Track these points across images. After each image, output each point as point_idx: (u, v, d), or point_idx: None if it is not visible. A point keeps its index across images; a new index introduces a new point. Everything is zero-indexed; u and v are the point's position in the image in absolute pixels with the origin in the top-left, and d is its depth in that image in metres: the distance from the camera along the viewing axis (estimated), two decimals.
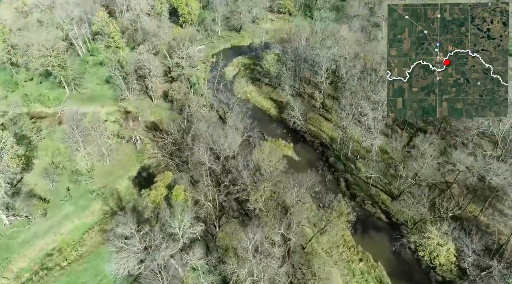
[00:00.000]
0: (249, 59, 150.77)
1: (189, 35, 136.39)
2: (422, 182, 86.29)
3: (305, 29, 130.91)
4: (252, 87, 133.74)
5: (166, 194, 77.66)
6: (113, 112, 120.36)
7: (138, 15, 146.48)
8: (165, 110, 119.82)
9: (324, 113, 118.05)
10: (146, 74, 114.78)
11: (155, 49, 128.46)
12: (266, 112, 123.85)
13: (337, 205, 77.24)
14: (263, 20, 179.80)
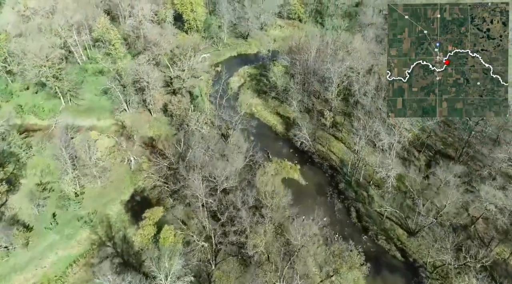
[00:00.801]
0: (255, 69, 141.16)
1: (193, 44, 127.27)
2: (445, 221, 76.03)
3: (315, 39, 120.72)
4: (258, 100, 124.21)
5: (155, 233, 68.72)
6: (109, 126, 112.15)
7: (141, 21, 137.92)
8: (164, 124, 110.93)
9: (334, 132, 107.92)
10: (145, 87, 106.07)
11: (156, 60, 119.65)
12: (271, 129, 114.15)
13: (348, 255, 66.91)
14: (271, 27, 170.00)
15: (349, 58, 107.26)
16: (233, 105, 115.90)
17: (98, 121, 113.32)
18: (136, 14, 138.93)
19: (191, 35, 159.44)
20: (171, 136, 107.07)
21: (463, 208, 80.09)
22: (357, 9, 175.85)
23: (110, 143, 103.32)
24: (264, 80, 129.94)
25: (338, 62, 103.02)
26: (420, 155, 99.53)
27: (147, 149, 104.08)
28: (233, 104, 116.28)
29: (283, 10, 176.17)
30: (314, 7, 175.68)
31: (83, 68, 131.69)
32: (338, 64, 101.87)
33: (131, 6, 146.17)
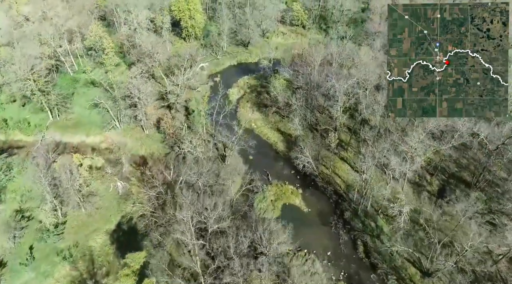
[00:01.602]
0: (256, 79, 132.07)
1: (190, 54, 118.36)
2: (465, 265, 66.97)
3: (319, 50, 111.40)
4: (258, 114, 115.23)
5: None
6: (99, 143, 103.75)
7: (136, 29, 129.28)
8: (157, 142, 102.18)
9: (339, 150, 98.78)
10: (136, 103, 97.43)
11: (149, 72, 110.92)
12: (272, 147, 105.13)
13: None
14: (273, 34, 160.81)
15: (355, 72, 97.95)
16: (232, 120, 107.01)
17: (87, 137, 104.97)
18: (131, 22, 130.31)
19: (189, 42, 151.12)
20: (164, 155, 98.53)
21: (487, 254, 70.94)
22: (363, 15, 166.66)
23: (97, 162, 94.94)
24: (265, 93, 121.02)
25: (344, 78, 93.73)
26: (432, 178, 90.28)
27: (137, 169, 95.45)
28: (232, 118, 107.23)
29: (286, 16, 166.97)
30: (318, 13, 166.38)
31: (74, 78, 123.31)
32: (344, 80, 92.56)
33: (126, 12, 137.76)
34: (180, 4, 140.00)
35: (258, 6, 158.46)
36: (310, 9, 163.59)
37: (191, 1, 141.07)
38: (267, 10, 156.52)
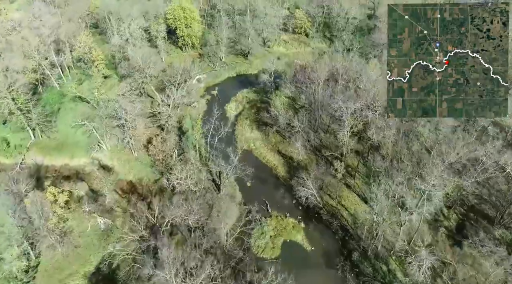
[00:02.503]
0: (255, 93, 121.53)
1: (185, 67, 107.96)
2: None
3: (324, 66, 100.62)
4: (257, 134, 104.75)
5: None
6: (84, 165, 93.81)
7: (127, 40, 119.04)
8: (146, 167, 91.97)
9: (346, 177, 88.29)
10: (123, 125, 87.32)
11: (139, 89, 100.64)
12: (272, 171, 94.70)
13: None
14: (275, 42, 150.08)
15: (363, 92, 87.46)
16: (229, 140, 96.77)
17: (72, 159, 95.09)
18: (123, 31, 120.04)
19: (186, 52, 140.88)
20: (154, 181, 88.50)
21: None
22: (369, 22, 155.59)
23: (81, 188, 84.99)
24: (265, 110, 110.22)
25: (351, 99, 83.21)
26: (450, 212, 79.81)
27: (124, 198, 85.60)
28: (229, 138, 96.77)
29: (288, 23, 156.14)
30: (322, 21, 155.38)
31: (61, 92, 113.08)
32: (351, 101, 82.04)
33: (119, 20, 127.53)
34: (176, 12, 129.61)
35: (259, 14, 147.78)
36: (314, 16, 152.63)
37: (187, 9, 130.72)
38: (268, 17, 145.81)
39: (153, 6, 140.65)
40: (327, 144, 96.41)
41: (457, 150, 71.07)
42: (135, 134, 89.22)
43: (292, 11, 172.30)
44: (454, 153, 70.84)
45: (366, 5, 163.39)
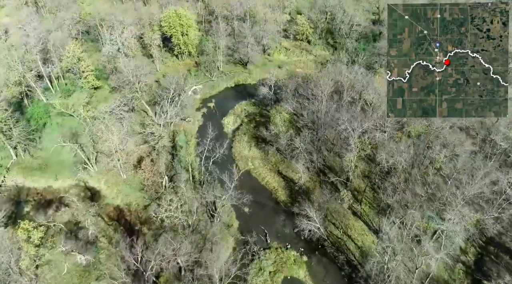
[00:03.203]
0: (255, 106, 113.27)
1: (180, 78, 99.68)
2: None
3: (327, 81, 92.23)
4: (256, 151, 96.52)
5: None
6: (69, 188, 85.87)
7: (119, 49, 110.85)
8: (135, 190, 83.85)
9: (352, 204, 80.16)
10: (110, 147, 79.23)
11: (128, 105, 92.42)
12: (272, 194, 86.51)
13: None
14: (276, 50, 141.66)
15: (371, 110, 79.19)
16: (226, 158, 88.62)
17: (56, 181, 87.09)
18: (114, 40, 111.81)
19: (182, 60, 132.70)
20: (143, 207, 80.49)
21: None
22: (374, 28, 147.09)
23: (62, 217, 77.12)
24: (264, 127, 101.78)
25: (357, 118, 74.99)
26: (468, 245, 71.58)
27: (110, 225, 77.68)
28: (226, 157, 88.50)
29: (290, 29, 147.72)
30: (325, 27, 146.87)
31: (48, 105, 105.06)
32: (358, 122, 73.80)
33: (111, 28, 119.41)
34: (171, 20, 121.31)
35: (259, 20, 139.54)
36: (317, 21, 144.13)
37: (183, 16, 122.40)
38: (268, 24, 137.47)
39: (147, 13, 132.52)
40: (332, 165, 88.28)
41: (476, 181, 62.74)
42: (124, 155, 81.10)
43: (293, 16, 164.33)
44: (474, 183, 62.50)
45: (370, 10, 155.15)
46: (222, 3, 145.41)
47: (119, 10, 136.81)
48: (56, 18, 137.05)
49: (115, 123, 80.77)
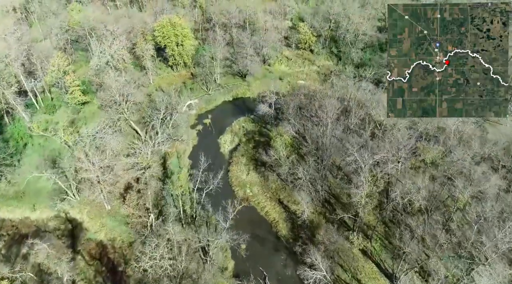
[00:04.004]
0: (254, 123, 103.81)
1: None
2: None
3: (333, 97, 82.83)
4: (255, 176, 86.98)
5: None
6: (48, 220, 76.70)
7: (108, 62, 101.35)
8: (120, 224, 74.41)
9: (361, 242, 70.58)
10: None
11: (114, 127, 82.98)
12: (272, 227, 76.84)
13: None
14: (276, 59, 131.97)
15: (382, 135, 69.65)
16: (223, 181, 79.00)
17: (33, 211, 77.91)
18: (103, 52, 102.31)
19: (177, 72, 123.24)
20: (128, 244, 71.22)
21: None
22: (380, 36, 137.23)
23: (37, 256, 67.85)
24: (264, 145, 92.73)
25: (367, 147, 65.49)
26: None
27: (91, 265, 68.52)
28: (222, 179, 78.70)
29: (291, 37, 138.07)
30: (328, 35, 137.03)
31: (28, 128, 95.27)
32: (369, 153, 64.24)
33: (101, 38, 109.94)
34: (164, 29, 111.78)
35: (259, 29, 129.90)
36: (320, 29, 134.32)
37: (178, 25, 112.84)
38: (269, 33, 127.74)
39: (141, 21, 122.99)
40: (338, 193, 78.81)
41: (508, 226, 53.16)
42: (108, 185, 71.79)
43: (295, 23, 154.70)
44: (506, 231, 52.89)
45: (376, 16, 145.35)
46: (220, 10, 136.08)
47: (111, 17, 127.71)
48: (45, 26, 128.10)
49: (98, 150, 71.37)
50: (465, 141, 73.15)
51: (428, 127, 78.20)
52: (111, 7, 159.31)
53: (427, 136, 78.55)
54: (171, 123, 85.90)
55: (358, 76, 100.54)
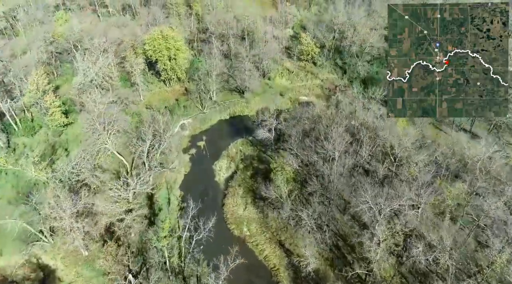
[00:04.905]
0: (252, 146, 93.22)
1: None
2: None
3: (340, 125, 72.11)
4: (253, 211, 76.24)
5: None
6: (18, 267, 66.38)
7: (92, 81, 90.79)
8: (98, 274, 63.32)
9: None
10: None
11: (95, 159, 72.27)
12: (271, 276, 66.04)
13: None
14: (277, 72, 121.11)
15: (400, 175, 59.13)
16: (217, 219, 68.20)
17: (0, 257, 67.64)
18: (87, 69, 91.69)
19: (170, 87, 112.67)
20: None
21: None
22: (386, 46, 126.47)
23: None
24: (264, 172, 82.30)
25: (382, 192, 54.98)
26: None
27: None
28: (216, 215, 68.03)
29: (293, 46, 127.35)
30: (332, 45, 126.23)
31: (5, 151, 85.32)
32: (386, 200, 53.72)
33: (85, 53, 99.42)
34: (156, 42, 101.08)
35: (258, 40, 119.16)
36: (323, 39, 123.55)
37: (171, 38, 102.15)
38: (269, 44, 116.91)
39: (131, 32, 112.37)
40: (346, 233, 68.35)
41: None
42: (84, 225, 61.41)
43: (296, 31, 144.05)
44: None
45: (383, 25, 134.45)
46: (217, 19, 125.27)
47: (100, 27, 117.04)
48: (31, 36, 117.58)
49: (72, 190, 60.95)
50: (493, 179, 62.67)
51: (450, 161, 67.58)
52: (103, 14, 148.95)
53: (448, 171, 68.02)
54: (160, 151, 75.36)
55: (368, 98, 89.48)
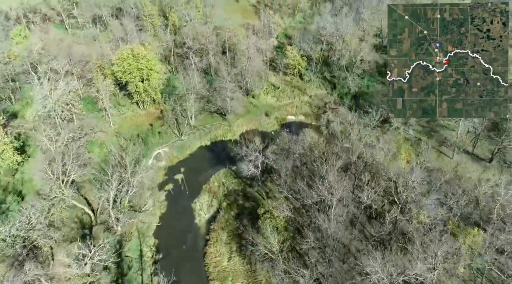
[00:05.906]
0: (237, 178, 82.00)
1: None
2: None
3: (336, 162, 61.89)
4: (238, 262, 64.94)
5: None
6: None
7: (50, 113, 78.06)
8: None
9: None
10: None
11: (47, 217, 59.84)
12: None
13: None
14: (262, 89, 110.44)
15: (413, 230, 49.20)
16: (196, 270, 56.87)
17: None
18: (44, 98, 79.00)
19: (144, 110, 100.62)
20: None
21: None
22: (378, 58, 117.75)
23: None
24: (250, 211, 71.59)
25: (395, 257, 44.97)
26: None
27: None
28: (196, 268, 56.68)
29: (278, 59, 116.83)
30: (320, 57, 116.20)
31: None
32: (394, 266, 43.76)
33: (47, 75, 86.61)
34: (125, 63, 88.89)
35: (240, 56, 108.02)
36: (310, 51, 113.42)
37: (142, 58, 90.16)
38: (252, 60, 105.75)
39: (98, 51, 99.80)
40: None
41: None
42: None
43: (280, 40, 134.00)
44: None
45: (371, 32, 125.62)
46: (194, 32, 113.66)
47: (64, 44, 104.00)
48: None
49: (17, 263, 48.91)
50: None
51: (461, 202, 58.21)
52: (72, 26, 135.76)
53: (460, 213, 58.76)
54: (128, 199, 63.70)
55: (364, 125, 79.21)
